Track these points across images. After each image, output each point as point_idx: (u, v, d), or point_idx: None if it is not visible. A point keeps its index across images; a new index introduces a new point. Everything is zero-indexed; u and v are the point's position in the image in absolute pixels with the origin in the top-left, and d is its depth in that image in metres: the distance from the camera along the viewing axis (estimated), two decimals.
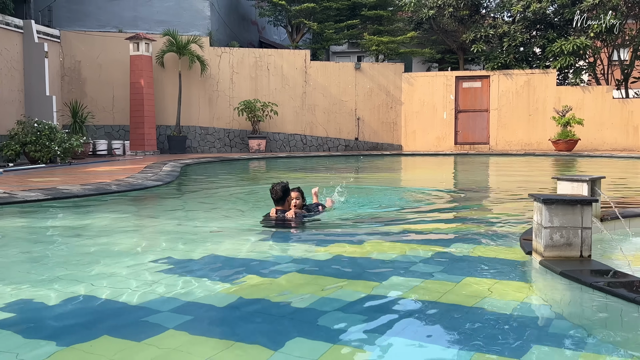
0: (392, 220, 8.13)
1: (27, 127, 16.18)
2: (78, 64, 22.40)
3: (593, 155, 21.17)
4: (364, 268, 5.16)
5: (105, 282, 4.67)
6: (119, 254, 5.84)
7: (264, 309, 4.05)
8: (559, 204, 4.83)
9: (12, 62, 18.61)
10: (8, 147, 15.84)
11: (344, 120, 24.93)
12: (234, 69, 23.92)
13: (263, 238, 6.61)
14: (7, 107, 18.19)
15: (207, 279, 4.74)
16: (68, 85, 22.32)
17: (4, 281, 4.79)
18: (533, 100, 24.47)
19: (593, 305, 4.04)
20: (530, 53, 26.13)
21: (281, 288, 4.53)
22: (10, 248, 6.30)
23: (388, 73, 25.13)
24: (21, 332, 3.56)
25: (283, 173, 16.53)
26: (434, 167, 19.29)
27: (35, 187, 10.29)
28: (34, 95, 19.28)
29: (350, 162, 20.79)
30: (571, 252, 4.86)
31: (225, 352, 3.23)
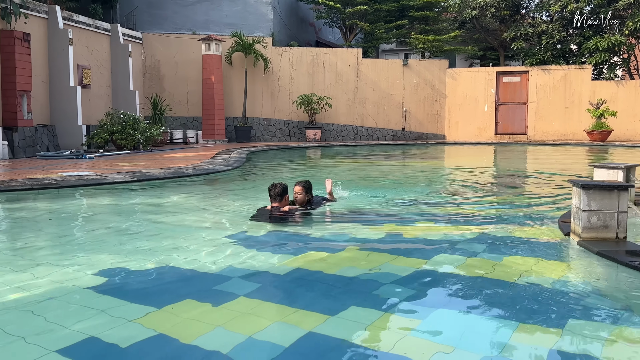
0: (436, 203, 8.04)
1: (114, 118, 16.61)
2: (157, 62, 22.86)
3: (626, 145, 20.37)
4: (412, 246, 5.14)
5: (184, 254, 4.80)
6: (195, 229, 5.98)
7: (323, 279, 4.09)
8: (597, 189, 4.69)
9: (101, 61, 19.14)
10: (98, 135, 16.30)
11: (392, 112, 24.70)
12: (293, 67, 23.97)
13: (322, 218, 6.65)
14: (98, 101, 18.74)
15: (272, 253, 4.81)
16: (149, 81, 22.82)
17: (98, 251, 4.98)
18: (569, 94, 23.67)
19: (628, 283, 3.92)
20: (567, 50, 25.24)
21: (338, 262, 4.56)
22: (101, 223, 6.53)
23: (433, 69, 24.73)
24: (115, 295, 3.70)
25: (337, 159, 16.54)
26: (475, 155, 18.95)
27: (122, 170, 10.61)
28: (120, 90, 19.81)
29: (397, 150, 20.62)
30: (607, 234, 4.73)
31: (290, 317, 3.28)
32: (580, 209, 4.74)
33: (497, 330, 3.09)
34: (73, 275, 4.10)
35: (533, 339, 2.97)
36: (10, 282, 3.94)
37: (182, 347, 2.89)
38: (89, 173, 10.04)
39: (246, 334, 3.00)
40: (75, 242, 5.52)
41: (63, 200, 7.97)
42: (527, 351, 2.81)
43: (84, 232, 6.06)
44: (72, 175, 9.76)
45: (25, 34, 14.66)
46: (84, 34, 18.13)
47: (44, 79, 16.19)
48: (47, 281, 3.95)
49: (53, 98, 16.44)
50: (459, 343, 2.91)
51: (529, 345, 2.89)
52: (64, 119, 16.45)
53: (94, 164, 12.18)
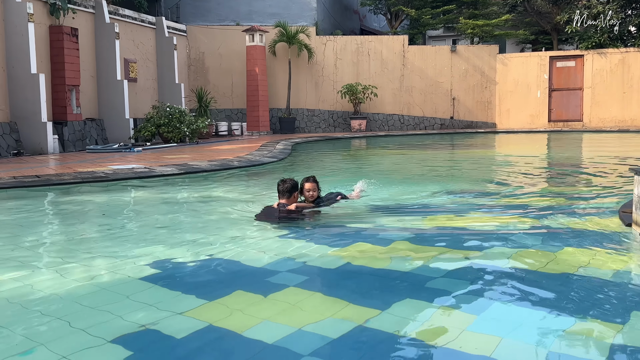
0: (488, 194, 7.91)
1: (160, 111, 16.94)
2: (202, 55, 23.20)
3: None
4: (464, 239, 5.07)
5: (233, 246, 4.87)
6: (243, 221, 6.06)
7: (374, 272, 4.09)
8: None
9: (147, 55, 19.55)
10: (145, 128, 16.65)
11: (440, 100, 24.38)
12: (338, 56, 23.92)
13: (370, 210, 6.63)
14: (144, 94, 19.17)
15: (321, 244, 4.83)
16: (194, 74, 23.19)
17: (148, 242, 5.12)
18: (627, 78, 22.83)
19: None
20: (625, 32, 24.31)
21: (388, 254, 4.54)
22: (151, 215, 6.70)
23: (483, 55, 24.25)
24: (167, 286, 3.79)
25: (383, 149, 16.45)
26: (528, 143, 18.53)
27: (170, 163, 10.84)
28: (166, 83, 20.19)
29: (445, 139, 20.35)
30: None
31: (339, 310, 3.29)
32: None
33: (554, 325, 3.03)
34: (126, 267, 4.22)
35: (592, 334, 2.90)
36: (66, 273, 4.09)
37: (234, 338, 2.94)
38: (137, 166, 10.30)
39: (295, 326, 3.03)
40: (127, 234, 5.68)
41: (113, 192, 8.21)
42: (586, 346, 2.75)
43: (135, 224, 6.23)
44: (121, 168, 10.03)
45: (74, 29, 15.10)
46: (130, 27, 18.54)
47: (92, 73, 16.65)
48: (102, 272, 4.09)
49: (101, 92, 16.91)
50: (514, 337, 2.87)
51: (588, 340, 2.82)
52: (112, 112, 16.89)
53: (141, 157, 12.47)
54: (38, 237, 5.62)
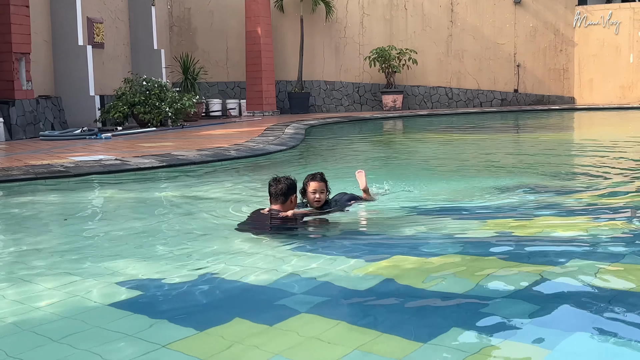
0: (563, 191, 7.88)
1: (134, 86, 16.98)
2: (187, 12, 23.30)
3: None
4: (532, 248, 5.05)
5: (229, 260, 4.90)
6: None
7: (411, 292, 4.08)
8: None
9: (116, 12, 19.63)
10: (115, 108, 16.64)
11: (500, 68, 24.26)
12: (365, 10, 23.90)
13: (404, 214, 6.63)
14: (113, 64, 19.24)
15: (343, 257, 4.83)
16: (177, 37, 23.30)
17: (121, 257, 5.16)
18: None
19: None
20: None
21: (432, 270, 4.54)
22: (125, 220, 6.76)
23: (557, 7, 24.08)
24: (146, 312, 3.83)
25: (424, 134, 16.42)
26: (619, 125, 18.36)
27: (148, 153, 10.91)
28: (141, 50, 20.26)
29: (508, 120, 20.26)
30: None
31: (369, 343, 3.29)
32: None
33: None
34: (91, 288, 4.26)
35: None
36: (9, 297, 4.13)
37: None
38: (106, 157, 10.39)
39: None
40: (92, 245, 5.74)
41: (76, 192, 8.28)
42: None
43: (102, 233, 6.28)
44: (85, 160, 10.13)
45: None
46: None
47: (45, 37, 16.74)
48: (59, 295, 4.13)
49: (58, 62, 16.98)
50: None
51: None
52: (72, 88, 16.94)
53: (111, 146, 12.58)
54: None
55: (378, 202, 6.74)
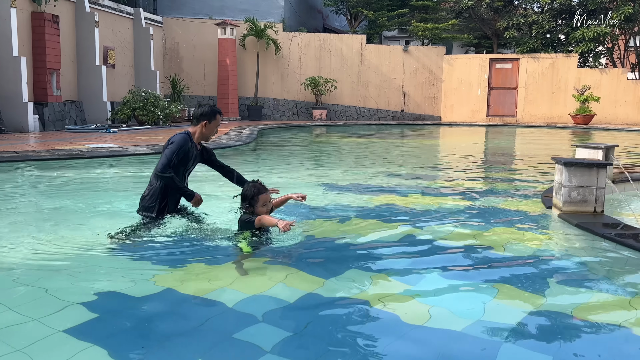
0: (429, 177, 7.99)
1: (136, 96, 16.47)
2: (177, 45, 22.64)
3: (607, 129, 20.16)
4: (405, 216, 5.09)
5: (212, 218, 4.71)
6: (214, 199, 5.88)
7: (324, 243, 4.06)
8: (578, 166, 4.63)
9: (125, 43, 18.96)
10: (121, 111, 16.17)
11: (392, 95, 24.49)
12: (302, 51, 23.70)
13: (325, 187, 6.59)
14: (121, 80, 18.61)
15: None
16: (169, 62, 22.64)
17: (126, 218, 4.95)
18: (556, 80, 23.37)
19: (603, 253, 3.88)
20: (556, 39, 24.84)
21: (335, 229, 4.52)
22: (126, 191, 6.52)
23: (431, 55, 24.42)
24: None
25: (341, 137, 16.44)
26: (468, 135, 18.80)
27: (143, 143, 10.57)
28: (142, 70, 19.65)
29: (397, 130, 20.48)
30: (586, 208, 4.67)
31: (291, 280, 3.26)
32: (562, 184, 4.68)
33: (480, 294, 3.07)
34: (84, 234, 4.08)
35: (514, 303, 2.95)
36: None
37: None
38: (112, 145, 10.02)
39: (252, 293, 2.99)
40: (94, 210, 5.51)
41: (87, 168, 7.96)
42: (507, 313, 2.79)
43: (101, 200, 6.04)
44: (97, 147, 9.74)
45: (55, 16, 14.51)
46: (109, 17, 17.94)
47: (72, 58, 16.08)
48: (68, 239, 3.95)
49: (80, 76, 16.35)
50: (443, 304, 2.89)
51: (510, 308, 2.86)
52: (91, 95, 16.37)
53: (117, 137, 12.15)
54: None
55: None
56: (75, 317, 2.64)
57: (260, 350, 2.34)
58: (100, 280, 3.18)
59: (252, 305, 2.82)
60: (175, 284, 3.12)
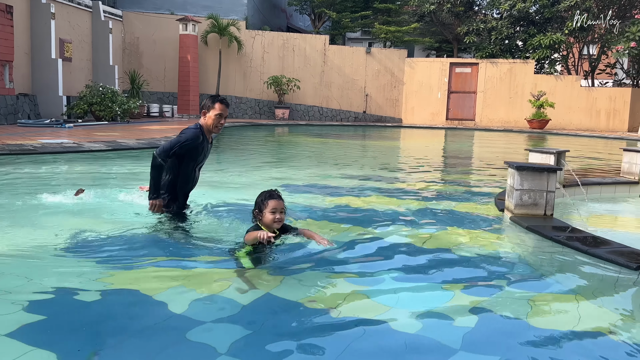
0: (387, 179, 8.08)
1: (93, 90, 16.12)
2: (137, 40, 22.21)
3: (561, 134, 20.86)
4: (362, 217, 5.14)
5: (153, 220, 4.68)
6: None
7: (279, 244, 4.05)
8: (529, 170, 4.78)
9: (82, 36, 18.46)
10: (78, 106, 15.80)
11: (355, 96, 24.67)
12: (265, 49, 23.62)
13: (285, 188, 6.58)
14: (78, 74, 18.12)
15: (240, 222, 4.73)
16: (128, 57, 22.18)
17: (75, 216, 4.83)
18: (513, 85, 24.03)
19: (552, 255, 4.02)
20: (514, 45, 25.55)
21: None
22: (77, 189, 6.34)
23: (393, 57, 24.72)
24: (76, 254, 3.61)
25: (303, 137, 16.47)
26: (427, 138, 19.12)
27: (99, 139, 10.33)
28: (100, 65, 19.19)
29: (358, 131, 20.64)
30: (537, 211, 4.83)
31: (245, 279, 3.25)
32: (514, 188, 4.83)
33: (433, 295, 3.13)
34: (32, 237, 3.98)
35: (466, 302, 3.02)
36: None
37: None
38: (66, 141, 9.75)
39: (208, 294, 2.97)
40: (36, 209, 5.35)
41: (40, 165, 7.72)
42: (460, 315, 2.85)
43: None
44: (50, 142, 9.46)
45: (8, 7, 14.02)
46: (66, 9, 17.44)
47: (26, 50, 15.56)
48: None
49: (35, 69, 15.84)
50: (397, 306, 2.94)
51: (462, 309, 2.93)
52: (45, 89, 15.89)
53: (72, 133, 11.83)
54: None
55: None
56: (21, 318, 2.56)
57: (214, 351, 2.33)
58: (49, 280, 3.09)
59: (207, 306, 2.81)
60: (130, 285, 3.07)
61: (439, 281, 3.35)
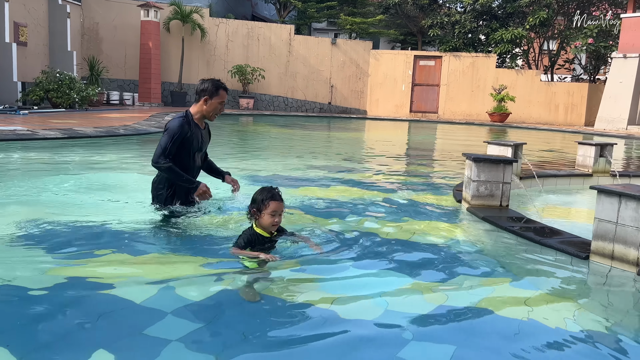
0: (350, 170, 8.12)
1: (50, 77, 15.63)
2: (96, 25, 21.59)
3: (521, 127, 21.34)
4: (323, 208, 5.15)
5: (112, 210, 4.56)
6: (127, 188, 5.70)
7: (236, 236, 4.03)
8: (486, 162, 4.86)
9: (38, 20, 17.81)
10: (33, 92, 15.29)
11: (320, 87, 24.65)
12: (229, 38, 23.32)
13: (247, 179, 6.54)
14: (34, 59, 17.50)
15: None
16: (87, 43, 21.55)
17: (27, 206, 4.69)
18: (476, 79, 24.43)
19: (506, 245, 4.11)
20: (477, 39, 25.96)
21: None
22: (31, 178, 6.16)
23: (359, 49, 24.77)
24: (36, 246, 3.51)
25: (268, 127, 16.37)
26: (391, 130, 19.28)
27: (55, 127, 10.02)
28: (57, 50, 18.56)
29: (323, 122, 20.65)
30: (493, 202, 4.93)
31: (201, 271, 3.22)
32: (471, 179, 4.91)
33: (388, 284, 3.16)
34: None
35: (421, 293, 3.05)
36: None
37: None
38: (20, 128, 9.43)
39: (160, 286, 2.93)
40: None
41: None
42: (415, 303, 2.88)
43: None
44: (3, 129, 9.13)
45: None
46: None
47: None
48: None
49: None
50: (352, 294, 2.95)
51: (418, 298, 2.96)
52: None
53: (27, 120, 11.44)
54: None
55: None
56: None
57: (165, 341, 2.30)
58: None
59: (159, 298, 2.76)
60: (81, 275, 2.99)
61: (395, 270, 3.38)
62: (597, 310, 2.93)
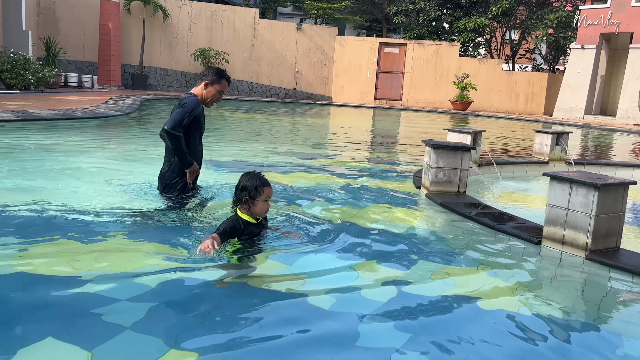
0: (312, 156, 8.13)
1: (3, 57, 15.01)
2: (53, 4, 20.84)
3: (482, 115, 21.74)
4: (286, 193, 5.15)
5: (67, 195, 4.48)
6: (82, 172, 5.58)
7: (195, 221, 4.00)
8: (444, 149, 4.94)
9: None
10: None
11: (285, 72, 24.50)
12: (192, 20, 22.89)
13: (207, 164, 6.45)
14: None
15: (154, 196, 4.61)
16: (43, 22, 20.78)
17: None
18: (439, 67, 24.71)
19: (463, 230, 4.19)
20: (441, 27, 26.21)
21: (214, 207, 4.45)
22: None
23: (324, 35, 24.69)
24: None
25: (232, 111, 16.19)
26: (355, 116, 19.34)
27: (8, 109, 9.66)
28: (11, 29, 17.83)
29: (288, 108, 20.55)
30: (451, 188, 5.02)
31: (160, 258, 3.18)
32: (430, 165, 4.98)
33: (346, 270, 3.18)
34: None
35: (380, 275, 3.10)
36: None
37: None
38: None
39: (116, 271, 2.88)
40: None
41: None
42: (373, 290, 2.92)
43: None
44: None
45: None
46: None
47: None
48: None
49: None
50: (311, 280, 2.97)
51: (375, 284, 3.00)
52: None
53: None
54: None
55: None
56: None
57: (119, 327, 2.27)
58: None
59: (115, 284, 2.72)
60: (30, 264, 2.92)
61: (354, 255, 3.41)
62: (548, 294, 3.02)
